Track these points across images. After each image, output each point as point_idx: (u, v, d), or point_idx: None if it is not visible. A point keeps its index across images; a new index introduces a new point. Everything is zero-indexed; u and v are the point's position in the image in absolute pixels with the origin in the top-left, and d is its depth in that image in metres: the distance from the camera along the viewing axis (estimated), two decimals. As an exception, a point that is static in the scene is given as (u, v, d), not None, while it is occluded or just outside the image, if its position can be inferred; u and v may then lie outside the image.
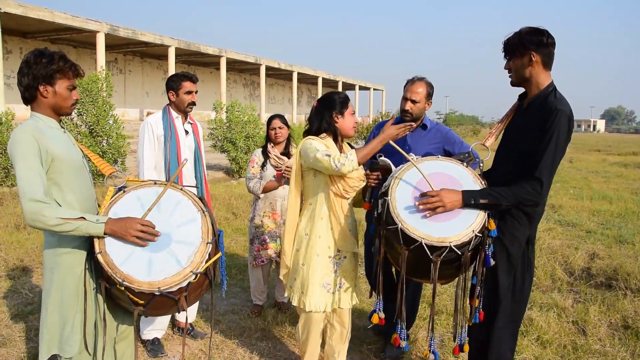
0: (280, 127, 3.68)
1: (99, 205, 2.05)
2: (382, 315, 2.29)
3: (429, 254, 1.96)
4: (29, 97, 1.95)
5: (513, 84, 2.21)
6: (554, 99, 2.04)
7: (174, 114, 3.21)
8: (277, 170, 3.64)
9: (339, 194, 2.46)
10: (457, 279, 2.16)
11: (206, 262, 1.86)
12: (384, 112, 25.08)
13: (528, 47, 2.06)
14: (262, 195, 3.68)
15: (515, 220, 2.11)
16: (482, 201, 2.02)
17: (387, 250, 2.24)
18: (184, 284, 1.82)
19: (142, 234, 1.83)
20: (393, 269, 2.93)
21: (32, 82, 1.91)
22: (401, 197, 2.09)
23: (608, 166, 16.10)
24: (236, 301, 4.05)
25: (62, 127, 2.03)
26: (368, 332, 3.41)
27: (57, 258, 1.94)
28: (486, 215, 2.03)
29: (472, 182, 2.12)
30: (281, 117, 3.73)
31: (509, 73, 2.18)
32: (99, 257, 1.81)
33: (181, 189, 1.99)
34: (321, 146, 2.42)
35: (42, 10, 18.50)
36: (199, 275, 1.84)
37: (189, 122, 3.30)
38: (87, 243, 1.96)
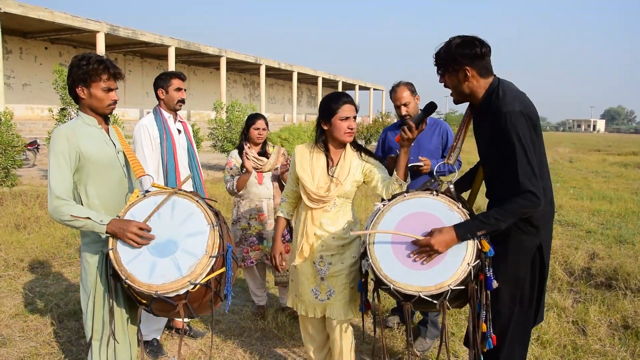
0: (263, 129, 3.63)
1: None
2: None
3: (432, 301, 1.87)
4: (73, 98, 2.14)
5: (456, 102, 2.09)
6: (498, 100, 1.89)
7: (165, 114, 3.19)
8: (257, 172, 3.59)
9: (305, 201, 2.44)
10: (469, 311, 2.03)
11: (207, 274, 1.90)
12: (384, 112, 25.07)
13: (461, 62, 1.91)
14: (242, 193, 3.61)
15: (520, 231, 1.97)
16: (479, 233, 1.88)
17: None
18: (182, 292, 1.88)
19: (137, 237, 1.92)
20: None
21: (71, 84, 2.10)
22: (382, 255, 1.96)
23: (608, 166, 16.09)
24: (236, 301, 4.05)
25: (100, 125, 2.17)
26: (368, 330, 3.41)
27: (82, 249, 2.16)
28: (477, 240, 1.91)
29: (448, 210, 1.98)
30: (264, 118, 3.70)
31: (444, 87, 2.03)
32: (110, 253, 1.94)
33: (197, 201, 2.03)
34: (296, 168, 2.45)
35: (42, 10, 18.51)
36: (197, 286, 1.89)
37: (179, 120, 3.29)
38: (105, 240, 2.09)
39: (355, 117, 2.41)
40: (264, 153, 3.68)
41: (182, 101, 3.22)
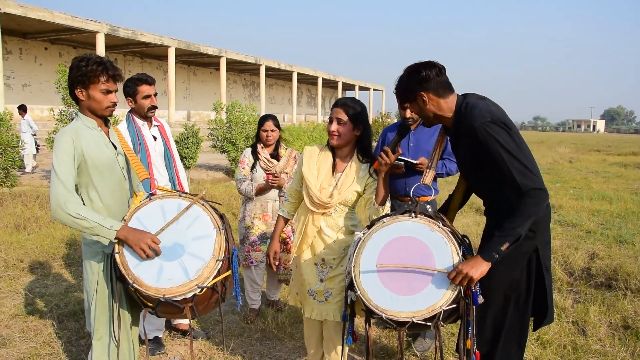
0: (272, 130, 3.57)
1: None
2: None
3: (426, 324, 1.86)
4: (73, 99, 2.14)
5: (427, 126, 2.17)
6: (466, 118, 1.93)
7: (139, 121, 3.07)
8: (266, 173, 3.57)
9: (307, 204, 2.41)
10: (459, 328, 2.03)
11: (214, 278, 1.92)
12: (384, 113, 25.07)
13: (414, 90, 1.99)
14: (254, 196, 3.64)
15: None
16: (503, 248, 1.85)
17: None
18: (189, 295, 1.89)
19: (149, 250, 1.91)
20: None
21: (70, 85, 2.09)
22: (369, 285, 1.92)
23: (608, 166, 16.09)
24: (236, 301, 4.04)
25: (100, 127, 2.16)
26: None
27: (83, 250, 2.17)
28: (461, 257, 1.89)
29: (429, 231, 1.94)
30: (274, 119, 3.62)
31: (415, 114, 2.05)
32: (117, 256, 1.93)
33: (203, 204, 2.02)
34: (302, 168, 2.43)
35: (42, 11, 18.52)
36: (204, 289, 1.90)
37: (154, 125, 3.17)
38: (109, 242, 2.09)
39: (339, 119, 2.32)
40: (276, 155, 3.64)
41: (153, 107, 3.05)
